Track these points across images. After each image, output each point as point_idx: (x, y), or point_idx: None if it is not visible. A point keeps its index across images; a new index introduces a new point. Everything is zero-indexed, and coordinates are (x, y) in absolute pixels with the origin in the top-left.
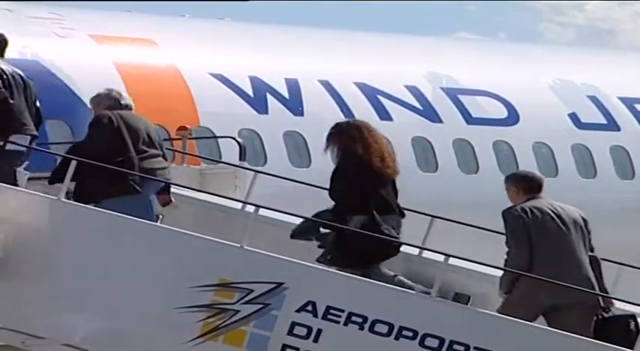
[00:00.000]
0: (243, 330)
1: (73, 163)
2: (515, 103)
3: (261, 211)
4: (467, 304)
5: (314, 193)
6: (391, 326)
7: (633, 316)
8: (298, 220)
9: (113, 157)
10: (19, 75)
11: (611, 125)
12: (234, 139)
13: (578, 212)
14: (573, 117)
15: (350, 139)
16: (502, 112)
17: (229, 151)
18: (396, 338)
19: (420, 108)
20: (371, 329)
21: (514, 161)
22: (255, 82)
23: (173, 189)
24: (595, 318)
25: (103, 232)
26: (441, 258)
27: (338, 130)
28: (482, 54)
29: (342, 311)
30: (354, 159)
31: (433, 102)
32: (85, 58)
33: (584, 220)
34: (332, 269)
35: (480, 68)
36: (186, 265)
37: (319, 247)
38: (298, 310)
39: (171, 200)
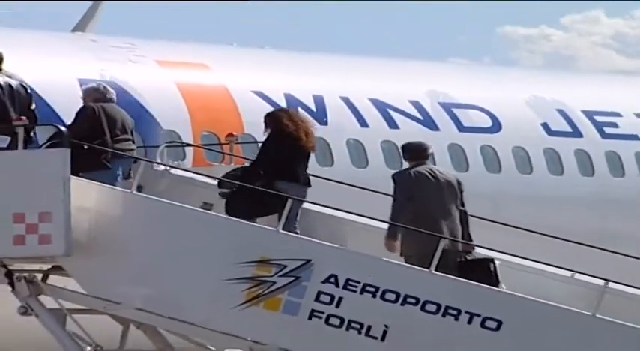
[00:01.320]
0: (279, 297)
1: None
2: (497, 115)
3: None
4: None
5: (336, 187)
6: (398, 294)
7: (492, 260)
8: (320, 208)
9: (92, 139)
10: (9, 84)
11: (575, 133)
12: None
13: (453, 176)
14: (545, 126)
15: (281, 120)
16: (487, 122)
17: None
18: (402, 304)
19: (421, 118)
20: (382, 297)
21: (497, 162)
22: (288, 97)
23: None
24: (460, 260)
25: (167, 218)
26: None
27: (271, 114)
28: (470, 75)
29: (359, 282)
30: (284, 134)
31: (432, 114)
32: (151, 79)
33: (458, 183)
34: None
35: (470, 87)
36: (233, 245)
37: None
38: (323, 282)
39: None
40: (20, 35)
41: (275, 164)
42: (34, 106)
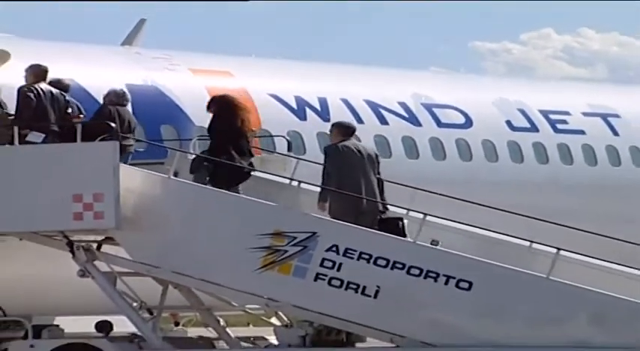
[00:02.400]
0: (290, 263)
1: None
2: (469, 114)
3: (302, 185)
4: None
5: None
6: (388, 260)
7: (401, 218)
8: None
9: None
10: (50, 91)
11: (533, 128)
12: (284, 137)
13: (372, 149)
14: (508, 123)
15: (223, 105)
16: (461, 119)
17: (281, 146)
18: (391, 269)
19: (407, 116)
20: (374, 263)
21: (469, 152)
22: (297, 99)
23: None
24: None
25: (198, 198)
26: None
27: (215, 99)
28: (447, 81)
29: (355, 251)
30: (225, 120)
31: (415, 112)
32: (186, 84)
33: (376, 155)
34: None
35: (447, 91)
36: (252, 220)
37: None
38: (327, 250)
39: None
40: (82, 49)
41: (222, 142)
42: (70, 110)
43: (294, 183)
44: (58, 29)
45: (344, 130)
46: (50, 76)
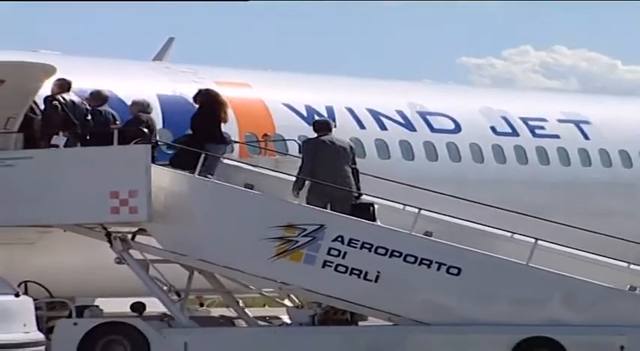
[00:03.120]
0: (301, 252)
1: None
2: (458, 120)
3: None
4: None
5: None
6: (386, 249)
7: (372, 204)
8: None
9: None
10: (72, 101)
11: (514, 133)
12: (295, 141)
13: (347, 143)
14: (492, 128)
15: (209, 98)
16: (451, 125)
17: (293, 148)
18: (390, 257)
19: (404, 122)
20: (375, 251)
21: (458, 154)
22: (308, 107)
23: (259, 170)
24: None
25: (220, 195)
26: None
27: (202, 93)
28: (439, 92)
29: (358, 241)
30: (209, 110)
31: (411, 119)
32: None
33: (351, 147)
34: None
35: (439, 100)
36: (268, 214)
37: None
38: (333, 241)
39: None
40: (118, 64)
41: (210, 133)
42: (89, 117)
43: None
44: (97, 46)
45: (321, 126)
46: (90, 88)
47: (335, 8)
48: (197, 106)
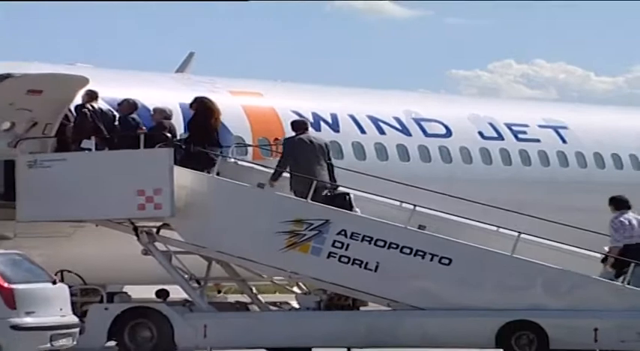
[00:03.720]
0: (308, 244)
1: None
2: (449, 126)
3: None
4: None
5: (345, 173)
6: (385, 242)
7: (348, 194)
8: (341, 188)
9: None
10: (100, 109)
11: (500, 137)
12: None
13: (322, 140)
14: (480, 133)
15: (203, 106)
16: (443, 130)
17: None
18: (388, 248)
19: (400, 128)
20: (375, 244)
21: (449, 156)
22: (314, 114)
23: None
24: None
25: (235, 193)
26: None
27: (197, 100)
28: (432, 100)
29: (359, 234)
30: (203, 116)
31: (407, 125)
32: (225, 103)
33: (326, 145)
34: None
35: (432, 108)
36: (279, 210)
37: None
38: (337, 234)
39: None
40: (145, 75)
41: (203, 135)
42: (116, 123)
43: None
44: (125, 60)
45: (300, 126)
46: (119, 97)
47: (339, 27)
48: (192, 112)
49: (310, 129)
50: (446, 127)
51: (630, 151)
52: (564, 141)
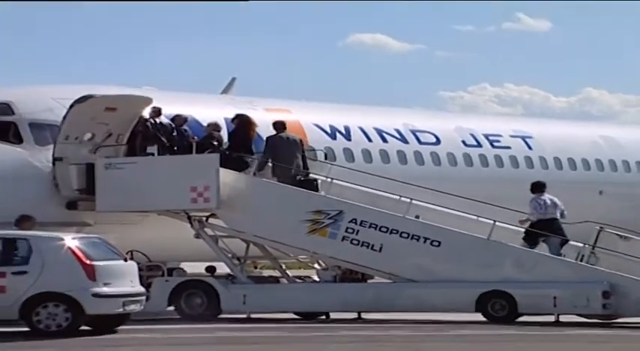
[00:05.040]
0: (326, 230)
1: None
2: (439, 136)
3: (334, 181)
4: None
5: (354, 174)
6: (387, 228)
7: (316, 180)
8: (352, 185)
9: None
10: (160, 122)
11: (479, 145)
12: (322, 150)
13: (298, 137)
14: (463, 142)
15: (242, 120)
16: (433, 139)
17: (320, 155)
18: (390, 233)
19: (400, 137)
20: (379, 229)
21: (438, 160)
22: (331, 127)
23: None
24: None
25: (268, 189)
26: None
27: (238, 116)
28: (425, 115)
29: (367, 222)
30: (242, 129)
31: (405, 135)
32: (262, 118)
33: (301, 141)
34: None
35: (425, 121)
36: (303, 203)
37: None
38: (349, 222)
39: None
40: (196, 96)
41: (241, 144)
42: (174, 133)
43: (329, 179)
44: (183, 83)
45: (280, 126)
46: (174, 114)
47: (351, 58)
48: (234, 126)
49: (327, 138)
50: (436, 136)
51: (582, 156)
52: (530, 148)
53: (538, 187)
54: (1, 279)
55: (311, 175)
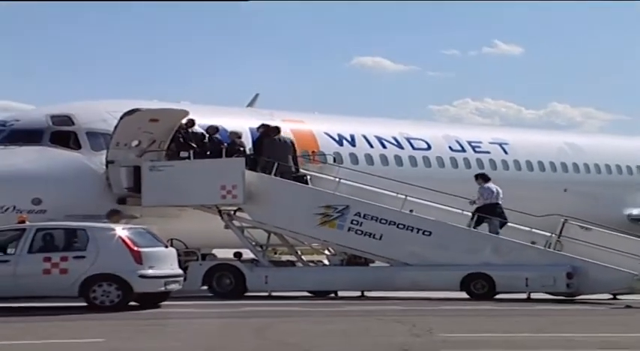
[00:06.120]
0: (334, 222)
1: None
2: (430, 142)
3: (341, 181)
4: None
5: (358, 174)
6: (387, 220)
7: (305, 175)
8: (362, 186)
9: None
10: (194, 131)
11: (463, 150)
12: (331, 155)
13: (290, 139)
14: (450, 147)
15: (268, 129)
16: (425, 146)
17: (330, 159)
18: (388, 225)
19: (396, 144)
20: (379, 221)
21: (429, 163)
22: (339, 135)
23: (310, 172)
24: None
25: (286, 188)
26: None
27: (262, 125)
28: (418, 125)
29: (369, 215)
30: (275, 140)
31: (401, 142)
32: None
33: (292, 142)
34: None
35: (417, 130)
36: (315, 199)
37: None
38: (354, 215)
39: None
40: (225, 109)
41: (273, 153)
42: (206, 140)
43: (337, 179)
44: (213, 98)
45: (274, 131)
46: (205, 124)
47: (355, 77)
48: (258, 134)
49: (335, 144)
50: (427, 143)
51: (550, 159)
52: (506, 152)
53: (486, 178)
54: (64, 262)
55: (301, 171)
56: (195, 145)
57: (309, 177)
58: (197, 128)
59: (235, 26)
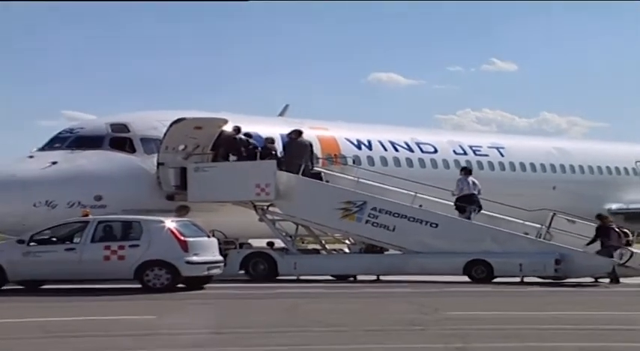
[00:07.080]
0: (354, 215)
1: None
2: (437, 147)
3: (360, 180)
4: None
5: (375, 175)
6: (399, 214)
7: (320, 172)
8: (378, 185)
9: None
10: (239, 137)
11: (465, 153)
12: (351, 158)
13: (309, 142)
14: (454, 151)
15: (296, 134)
16: (432, 149)
17: (350, 161)
18: (401, 218)
19: (407, 148)
20: (393, 215)
21: (436, 164)
22: (358, 140)
23: (333, 173)
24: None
25: (312, 186)
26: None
27: (293, 130)
28: (426, 132)
29: (384, 209)
30: (296, 142)
31: (412, 146)
32: (307, 134)
33: (310, 144)
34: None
35: (426, 136)
36: (337, 196)
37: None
38: (371, 209)
39: None
40: (259, 118)
41: (293, 153)
42: (250, 146)
43: (356, 179)
44: (248, 108)
45: (296, 133)
46: (244, 130)
47: (370, 90)
48: (288, 138)
49: (354, 148)
50: (434, 147)
51: (540, 161)
52: (502, 155)
53: (467, 171)
54: (121, 250)
55: (315, 169)
56: (242, 150)
57: (323, 173)
58: (240, 135)
59: (265, 44)
